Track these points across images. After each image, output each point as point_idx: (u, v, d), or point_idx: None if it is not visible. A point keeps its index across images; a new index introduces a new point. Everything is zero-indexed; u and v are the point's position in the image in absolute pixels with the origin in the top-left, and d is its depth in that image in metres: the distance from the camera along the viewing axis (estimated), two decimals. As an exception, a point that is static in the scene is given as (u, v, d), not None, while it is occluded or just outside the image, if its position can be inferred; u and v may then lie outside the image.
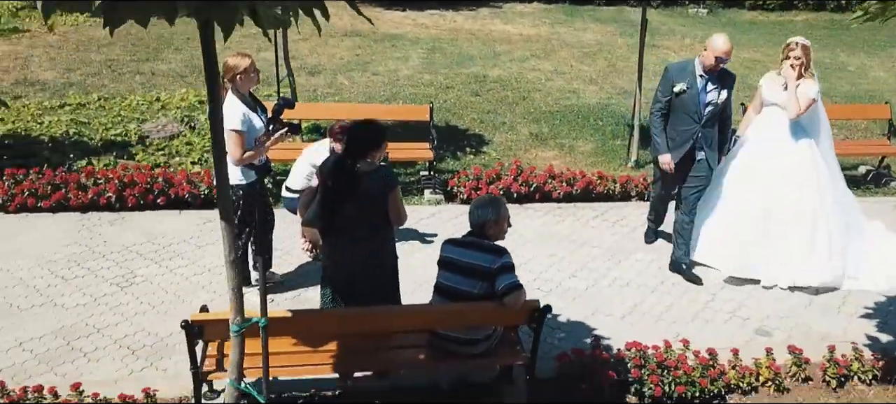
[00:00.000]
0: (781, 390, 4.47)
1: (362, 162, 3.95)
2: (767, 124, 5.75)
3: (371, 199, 3.97)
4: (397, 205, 4.02)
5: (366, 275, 4.04)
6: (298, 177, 5.57)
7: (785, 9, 18.65)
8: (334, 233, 4.09)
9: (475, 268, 3.82)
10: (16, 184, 6.48)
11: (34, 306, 5.07)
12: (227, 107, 4.77)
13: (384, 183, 3.98)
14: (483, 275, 3.79)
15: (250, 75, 5.00)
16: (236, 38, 4.82)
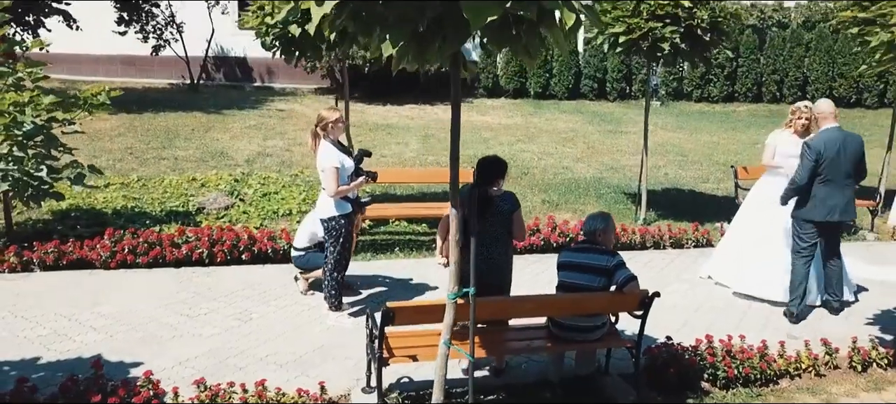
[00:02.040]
0: (819, 375, 5.49)
1: (490, 187, 4.93)
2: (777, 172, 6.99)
3: (500, 217, 4.93)
4: (520, 223, 5.00)
5: (492, 279, 4.93)
6: (303, 238, 6.64)
7: (727, 101, 20.79)
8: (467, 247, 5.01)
9: (594, 267, 4.80)
10: (116, 243, 7.13)
11: (174, 337, 5.73)
12: (323, 151, 5.86)
13: (512, 204, 4.96)
14: (602, 272, 4.78)
15: (339, 125, 6.03)
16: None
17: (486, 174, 4.95)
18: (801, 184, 6.23)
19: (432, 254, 7.99)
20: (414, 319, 4.52)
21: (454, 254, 3.87)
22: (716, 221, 9.05)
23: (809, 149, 6.21)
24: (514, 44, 3.37)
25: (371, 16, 3.33)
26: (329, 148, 5.90)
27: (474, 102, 20.47)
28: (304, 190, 10.16)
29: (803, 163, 6.22)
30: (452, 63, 3.76)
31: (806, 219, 6.31)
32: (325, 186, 5.89)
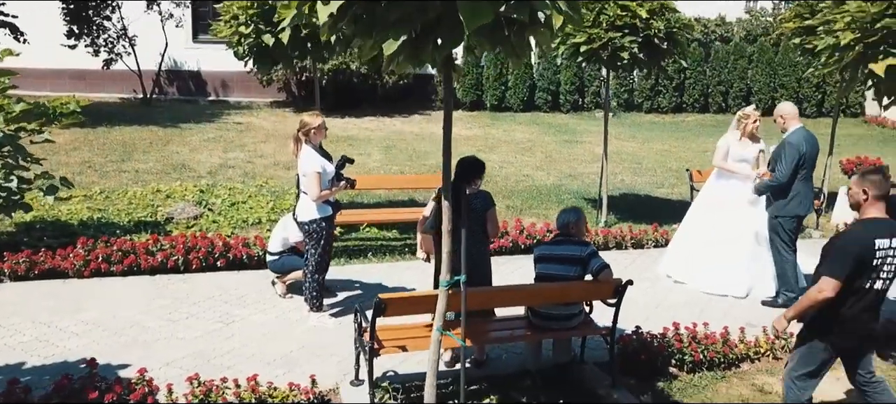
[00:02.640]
0: (776, 358, 5.87)
1: (468, 186, 5.17)
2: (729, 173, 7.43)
3: (475, 215, 5.17)
4: (494, 221, 5.25)
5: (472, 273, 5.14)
6: (276, 243, 6.81)
7: (676, 112, 21.53)
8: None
9: (570, 257, 5.08)
10: (89, 252, 7.12)
11: (158, 340, 5.79)
12: (305, 156, 6.03)
13: (485, 202, 5.21)
14: (577, 261, 5.06)
15: (321, 131, 6.19)
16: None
17: (464, 173, 5.19)
18: (783, 182, 6.66)
19: (405, 258, 8.20)
20: (405, 310, 4.71)
21: (447, 244, 4.08)
22: (674, 223, 9.45)
23: (791, 148, 6.64)
24: (505, 45, 3.62)
25: (372, 17, 3.53)
26: (311, 153, 6.06)
27: (433, 115, 20.74)
28: (271, 199, 10.23)
29: (787, 161, 6.64)
30: (445, 65, 3.98)
31: (793, 215, 6.75)
32: (307, 190, 6.04)
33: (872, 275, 4.06)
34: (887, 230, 4.07)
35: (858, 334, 4.25)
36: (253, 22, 7.49)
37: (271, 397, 4.74)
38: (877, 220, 4.13)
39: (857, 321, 4.18)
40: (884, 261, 4.05)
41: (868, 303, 4.15)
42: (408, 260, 8.16)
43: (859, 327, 4.21)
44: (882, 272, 4.08)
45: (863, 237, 4.06)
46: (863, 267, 4.04)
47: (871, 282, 4.08)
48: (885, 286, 4.15)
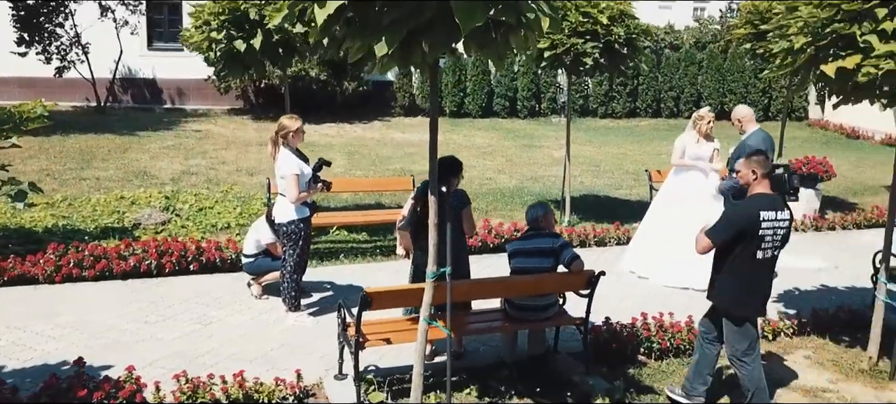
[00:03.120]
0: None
1: (446, 184, 5.34)
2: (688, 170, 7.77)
3: (452, 212, 5.34)
4: (469, 219, 5.44)
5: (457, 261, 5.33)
6: (250, 245, 6.91)
7: (630, 116, 22.10)
8: (422, 238, 5.42)
9: (542, 249, 5.31)
10: (60, 257, 7.08)
11: (138, 341, 5.81)
12: (283, 158, 6.14)
13: (461, 201, 5.40)
14: (549, 253, 5.30)
15: (300, 134, 6.30)
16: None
17: (442, 172, 5.34)
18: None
19: (376, 260, 8.34)
20: (391, 304, 4.87)
21: (433, 238, 4.25)
22: (635, 222, 9.78)
23: (750, 149, 7.00)
24: (492, 48, 3.81)
25: (366, 19, 3.68)
26: (289, 155, 6.16)
27: (392, 121, 20.90)
28: (237, 204, 10.25)
29: None
30: (432, 68, 4.13)
31: None
32: (285, 192, 6.13)
33: (761, 245, 4.54)
34: (771, 204, 4.57)
35: (762, 299, 4.75)
36: (225, 27, 7.55)
37: (257, 392, 4.83)
38: (763, 195, 4.64)
39: (760, 288, 4.71)
40: (767, 232, 4.54)
41: (764, 271, 4.65)
42: (379, 261, 8.29)
43: (762, 294, 4.73)
44: (766, 241, 4.56)
45: (750, 210, 4.56)
46: (750, 236, 4.52)
47: (762, 251, 4.56)
48: (772, 255, 4.64)
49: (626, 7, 9.00)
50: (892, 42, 4.72)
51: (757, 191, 4.68)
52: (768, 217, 4.54)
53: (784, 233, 4.64)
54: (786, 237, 4.68)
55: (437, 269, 4.30)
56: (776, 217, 4.57)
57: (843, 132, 20.33)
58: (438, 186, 5.30)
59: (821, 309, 6.63)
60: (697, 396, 4.98)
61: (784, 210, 4.64)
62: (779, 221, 4.58)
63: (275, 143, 6.27)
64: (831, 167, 10.58)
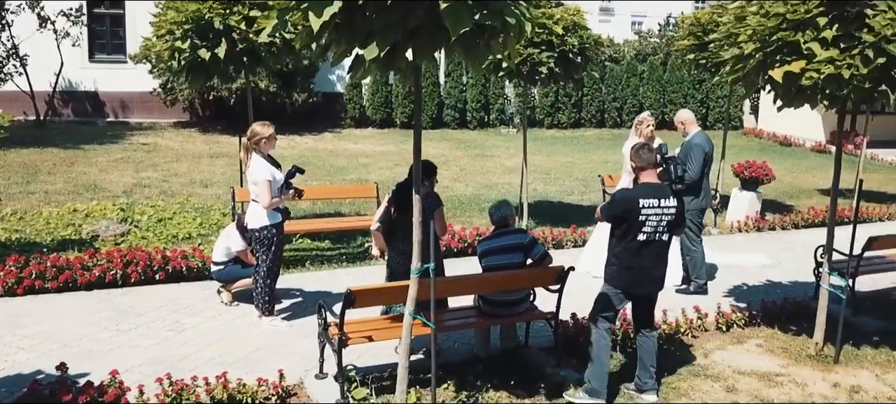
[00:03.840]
0: (695, 336, 6.53)
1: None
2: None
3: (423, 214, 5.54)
4: (441, 220, 5.64)
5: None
6: (220, 253, 6.98)
7: (575, 127, 22.69)
8: (397, 240, 5.60)
9: (513, 245, 5.56)
10: (22, 269, 6.96)
11: (111, 349, 5.79)
12: (257, 164, 6.22)
13: (433, 202, 5.60)
14: (519, 248, 5.54)
15: (272, 140, 6.40)
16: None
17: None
18: (696, 178, 7.40)
19: (341, 266, 8.44)
20: (374, 301, 5.03)
21: (417, 235, 4.43)
22: (589, 225, 10.14)
23: (697, 148, 7.43)
24: (475, 51, 4.03)
25: (355, 25, 3.84)
26: (262, 162, 6.24)
27: (343, 132, 20.96)
28: (196, 215, 10.19)
29: (695, 161, 7.41)
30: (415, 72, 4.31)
31: (699, 209, 7.52)
32: (259, 198, 6.20)
33: (641, 229, 4.88)
34: (652, 192, 4.92)
35: (645, 281, 5.07)
36: (189, 36, 7.57)
37: (241, 393, 4.90)
38: (646, 184, 5.01)
39: (644, 269, 5.00)
40: (648, 217, 4.87)
41: (648, 253, 4.96)
42: (345, 267, 8.40)
43: (645, 275, 5.04)
44: (647, 226, 4.89)
45: (631, 197, 4.96)
46: (629, 221, 4.89)
47: (644, 235, 4.89)
48: (655, 238, 4.94)
49: (578, 18, 9.38)
50: (832, 49, 5.13)
51: (642, 180, 5.06)
52: (649, 204, 4.87)
53: (670, 219, 4.95)
54: (673, 223, 4.99)
55: (422, 266, 4.48)
56: (659, 204, 4.90)
57: (776, 140, 21.32)
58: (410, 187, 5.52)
59: (769, 302, 7.04)
60: (649, 390, 5.24)
61: (669, 198, 4.95)
62: (663, 208, 4.90)
63: (248, 150, 6.34)
64: (771, 171, 11.16)
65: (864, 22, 5.03)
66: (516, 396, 5.25)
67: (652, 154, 5.15)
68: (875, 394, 5.47)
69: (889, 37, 4.90)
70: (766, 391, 5.47)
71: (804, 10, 5.24)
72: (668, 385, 5.51)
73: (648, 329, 5.30)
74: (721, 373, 5.73)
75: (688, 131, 7.91)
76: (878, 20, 4.96)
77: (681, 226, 5.25)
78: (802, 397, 5.40)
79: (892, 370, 5.91)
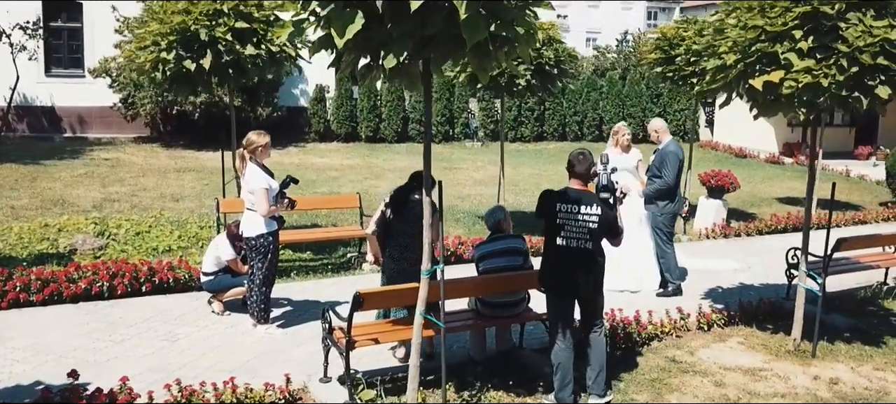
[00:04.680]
0: (678, 336, 6.79)
1: (415, 192, 5.69)
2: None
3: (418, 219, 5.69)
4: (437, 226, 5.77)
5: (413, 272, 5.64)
6: (210, 263, 7.01)
7: (538, 140, 23.08)
8: (392, 245, 5.72)
9: (512, 249, 5.74)
10: (6, 282, 6.85)
11: (109, 360, 5.75)
12: (253, 173, 6.30)
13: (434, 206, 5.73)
14: (519, 252, 5.72)
15: (267, 149, 6.47)
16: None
17: (413, 180, 5.71)
18: (672, 183, 7.68)
19: (326, 276, 8.50)
20: (381, 304, 5.14)
21: (427, 235, 4.56)
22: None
23: (671, 155, 7.72)
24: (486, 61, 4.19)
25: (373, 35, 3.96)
26: (257, 170, 6.29)
27: (308, 146, 20.92)
28: (174, 228, 10.11)
29: (670, 167, 7.71)
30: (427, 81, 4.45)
31: (672, 213, 7.81)
32: (256, 206, 6.24)
33: (560, 232, 4.98)
34: (574, 197, 5.01)
35: (564, 284, 5.08)
36: (174, 48, 7.58)
37: (248, 397, 4.94)
38: (567, 189, 5.09)
39: (565, 273, 5.04)
40: (565, 221, 4.97)
41: (569, 257, 4.98)
42: (329, 277, 8.45)
43: (567, 279, 5.05)
44: (566, 230, 4.96)
45: (548, 199, 5.09)
46: (548, 222, 5.04)
47: (563, 239, 4.98)
48: (577, 245, 4.96)
49: (553, 32, 9.66)
50: (808, 59, 5.46)
51: (566, 185, 5.14)
52: (566, 208, 4.96)
53: (593, 228, 4.92)
54: (596, 232, 4.94)
55: (431, 267, 4.61)
56: (579, 210, 4.94)
57: (731, 152, 22.03)
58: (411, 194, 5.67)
59: (745, 302, 7.35)
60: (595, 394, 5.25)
61: (593, 206, 4.95)
62: (583, 214, 4.93)
63: (243, 159, 6.39)
64: (736, 179, 11.60)
65: (838, 34, 5.38)
66: (517, 396, 5.40)
67: (584, 161, 5.13)
68: (853, 385, 5.78)
69: (862, 47, 5.24)
70: (752, 384, 5.73)
71: (781, 22, 5.56)
72: (660, 381, 5.73)
73: (593, 330, 5.21)
74: (708, 369, 5.98)
75: (661, 139, 8.21)
76: (852, 32, 5.31)
77: (614, 236, 5.14)
78: (786, 388, 5.67)
79: (865, 363, 6.24)
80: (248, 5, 7.86)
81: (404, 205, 5.64)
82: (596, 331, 5.24)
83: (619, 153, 8.44)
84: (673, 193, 7.86)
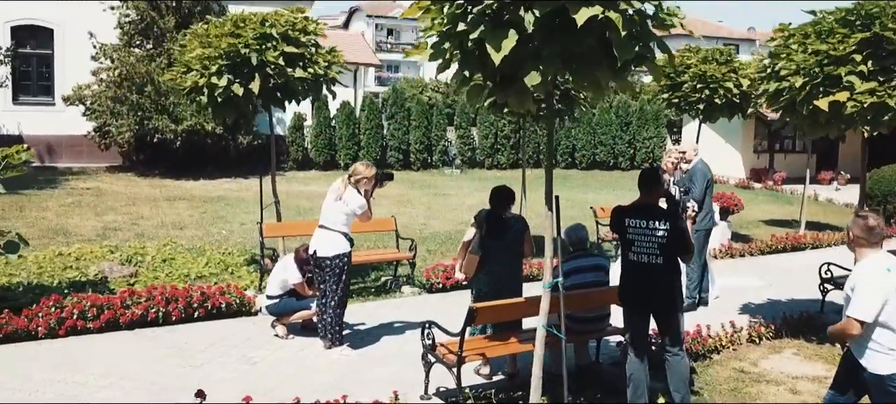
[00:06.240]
0: (734, 348, 7.05)
1: (504, 211, 5.83)
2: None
3: (515, 236, 5.83)
4: (530, 241, 5.93)
5: (510, 287, 5.77)
6: (275, 286, 7.02)
7: (514, 167, 23.44)
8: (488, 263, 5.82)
9: (598, 266, 5.90)
10: (59, 310, 6.64)
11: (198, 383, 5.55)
12: (353, 195, 6.42)
13: (522, 224, 5.89)
14: (604, 269, 5.88)
15: (370, 182, 6.55)
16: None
17: (502, 200, 5.85)
18: (699, 199, 7.98)
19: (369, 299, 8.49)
20: (492, 318, 5.23)
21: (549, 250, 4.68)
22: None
23: (699, 173, 8.02)
24: (623, 82, 4.39)
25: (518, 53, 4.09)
26: (357, 195, 6.39)
27: (287, 174, 20.74)
28: (196, 254, 9.93)
29: (699, 186, 7.98)
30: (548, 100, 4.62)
31: (706, 228, 8.08)
32: (359, 212, 6.46)
33: (631, 247, 5.06)
34: (639, 212, 5.08)
35: (636, 298, 5.16)
36: (223, 71, 7.54)
37: (361, 414, 4.94)
38: (636, 204, 5.17)
39: (638, 288, 5.12)
40: (636, 236, 5.03)
41: (639, 272, 5.05)
42: (372, 300, 8.45)
43: (638, 294, 5.14)
44: (635, 245, 5.03)
45: (618, 215, 5.17)
46: (621, 237, 5.14)
47: (634, 255, 5.05)
48: (647, 260, 5.01)
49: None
50: (870, 81, 5.86)
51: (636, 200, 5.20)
52: (635, 223, 5.03)
53: (662, 243, 4.95)
54: (666, 247, 4.96)
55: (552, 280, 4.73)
56: (647, 225, 5.00)
57: (701, 177, 22.85)
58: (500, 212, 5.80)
59: (788, 316, 7.68)
60: None
61: (662, 221, 4.99)
62: (653, 229, 4.97)
63: (346, 184, 6.45)
64: (741, 201, 12.08)
65: (899, 58, 5.81)
66: (610, 408, 5.53)
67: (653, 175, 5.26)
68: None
69: (924, 70, 5.67)
70: (823, 391, 6.00)
71: (843, 48, 5.96)
72: (739, 391, 5.95)
73: (671, 350, 5.21)
74: (778, 379, 6.24)
75: (690, 159, 8.55)
76: (914, 56, 5.74)
77: (685, 252, 5.20)
78: (857, 394, 5.96)
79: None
80: (295, 31, 7.90)
81: (499, 225, 5.75)
82: (675, 354, 5.21)
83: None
84: (704, 210, 8.18)
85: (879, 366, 4.14)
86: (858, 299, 4.11)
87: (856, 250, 4.28)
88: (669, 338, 5.25)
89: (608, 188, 19.91)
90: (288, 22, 7.90)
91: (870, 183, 14.73)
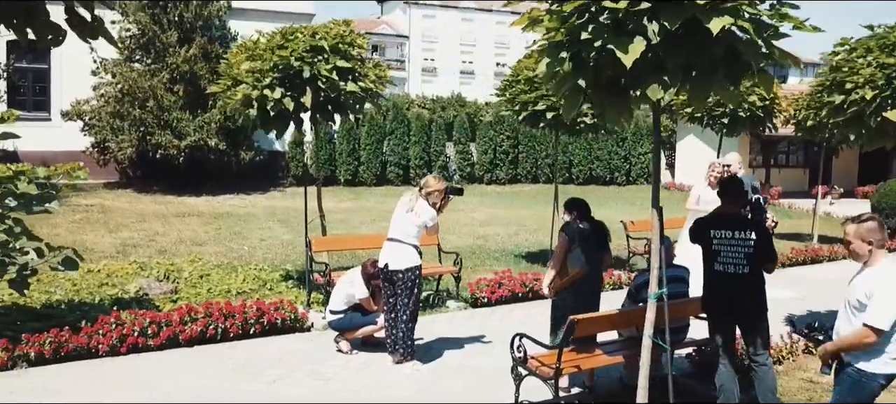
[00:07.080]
0: (793, 359, 7.11)
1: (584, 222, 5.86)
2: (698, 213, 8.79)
3: (598, 247, 5.85)
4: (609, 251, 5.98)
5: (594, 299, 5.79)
6: (339, 301, 6.96)
7: (512, 182, 23.54)
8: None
9: (680, 277, 5.93)
10: (120, 327, 6.49)
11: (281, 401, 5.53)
12: (425, 208, 6.42)
13: (607, 232, 5.93)
14: (685, 281, 5.93)
15: (440, 196, 6.53)
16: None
17: (585, 211, 5.87)
18: None
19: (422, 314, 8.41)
20: (592, 329, 5.21)
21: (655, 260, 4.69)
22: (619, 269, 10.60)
23: (747, 186, 8.12)
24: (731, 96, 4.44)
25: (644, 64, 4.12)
26: (428, 206, 6.36)
27: (287, 190, 20.60)
28: (228, 270, 9.79)
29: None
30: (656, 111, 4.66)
31: None
32: (428, 228, 6.46)
33: (717, 258, 5.06)
34: (723, 222, 5.11)
35: (722, 308, 5.19)
36: (276, 85, 7.48)
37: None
38: (719, 213, 5.24)
39: (723, 298, 5.13)
40: (721, 246, 5.05)
41: (725, 284, 5.08)
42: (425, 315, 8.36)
43: (722, 305, 5.17)
44: (721, 256, 5.05)
45: (701, 224, 5.22)
46: (704, 248, 5.14)
47: (721, 264, 5.06)
48: (733, 271, 5.03)
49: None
50: (938, 94, 6.01)
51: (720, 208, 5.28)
52: (720, 234, 5.06)
53: (748, 251, 4.98)
54: (752, 256, 4.98)
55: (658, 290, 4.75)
56: (734, 235, 5.03)
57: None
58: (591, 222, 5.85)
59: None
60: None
61: (747, 231, 5.02)
62: (739, 239, 5.00)
63: (417, 197, 6.44)
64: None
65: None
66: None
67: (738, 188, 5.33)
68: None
69: None
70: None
71: (910, 60, 6.11)
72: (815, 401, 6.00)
73: (758, 360, 5.22)
74: (847, 387, 6.30)
75: (735, 170, 8.67)
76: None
77: (769, 261, 5.19)
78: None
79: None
80: (344, 43, 7.87)
81: (585, 239, 5.75)
82: (762, 363, 5.21)
83: (708, 187, 8.81)
84: None
85: (871, 366, 4.01)
86: (879, 306, 3.87)
87: (868, 254, 4.03)
88: (756, 346, 5.27)
89: (611, 202, 20.05)
90: (337, 35, 7.87)
91: (877, 196, 15.04)
